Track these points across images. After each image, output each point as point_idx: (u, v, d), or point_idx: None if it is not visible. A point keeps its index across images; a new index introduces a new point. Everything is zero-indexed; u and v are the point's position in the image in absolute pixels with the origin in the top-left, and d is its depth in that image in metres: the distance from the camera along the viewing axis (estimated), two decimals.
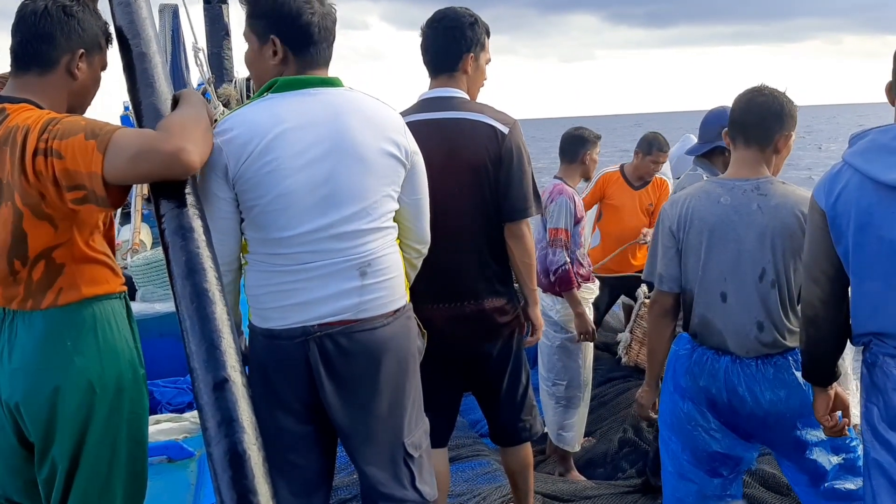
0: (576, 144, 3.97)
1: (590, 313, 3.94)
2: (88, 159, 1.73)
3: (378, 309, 2.09)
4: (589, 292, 3.94)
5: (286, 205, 1.99)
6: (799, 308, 2.22)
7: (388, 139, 2.10)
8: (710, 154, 3.29)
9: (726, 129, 2.52)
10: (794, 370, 2.37)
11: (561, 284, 3.73)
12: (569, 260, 3.73)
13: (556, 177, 3.97)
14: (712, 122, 3.24)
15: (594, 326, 3.88)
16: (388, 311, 2.11)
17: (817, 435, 2.39)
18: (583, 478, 3.92)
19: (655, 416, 2.70)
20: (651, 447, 3.69)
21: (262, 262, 2.06)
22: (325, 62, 2.11)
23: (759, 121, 2.40)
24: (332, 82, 2.09)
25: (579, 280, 3.83)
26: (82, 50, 1.95)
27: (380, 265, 2.09)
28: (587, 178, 4.09)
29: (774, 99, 2.40)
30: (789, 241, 2.32)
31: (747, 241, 2.36)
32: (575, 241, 3.82)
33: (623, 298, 5.24)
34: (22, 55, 1.93)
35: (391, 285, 2.13)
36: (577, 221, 3.82)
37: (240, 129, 1.97)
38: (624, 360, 4.71)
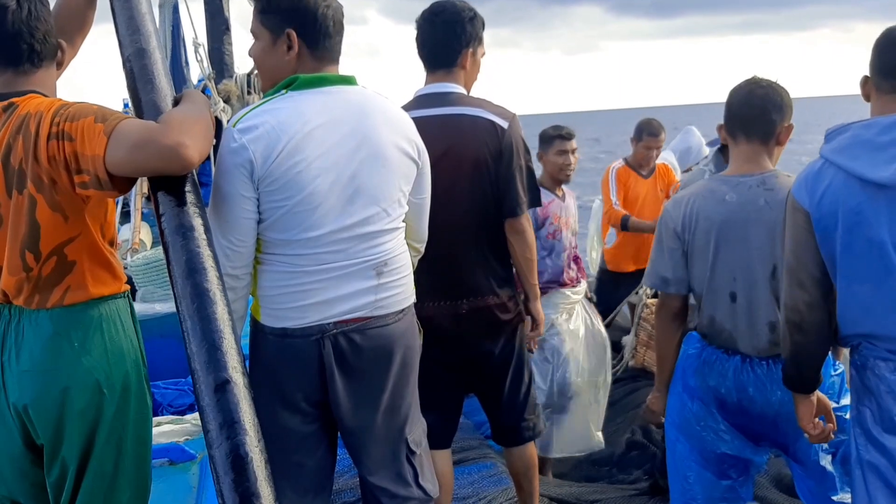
0: (539, 142, 3.84)
1: (573, 318, 3.76)
2: (94, 142, 1.73)
3: (392, 306, 2.10)
4: (562, 297, 3.73)
5: (314, 205, 1.96)
6: (781, 315, 2.16)
7: (407, 139, 2.11)
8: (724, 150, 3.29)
9: (721, 124, 2.48)
10: None
11: None
12: None
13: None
14: None
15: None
16: (399, 309, 2.13)
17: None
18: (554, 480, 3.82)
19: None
20: (659, 449, 3.67)
21: (281, 263, 2.02)
22: (338, 58, 2.10)
23: (760, 113, 2.34)
24: (350, 80, 2.09)
25: (554, 285, 3.65)
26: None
27: (395, 264, 2.10)
28: (558, 181, 3.81)
29: (773, 90, 2.35)
30: None
31: (756, 239, 2.32)
32: (540, 243, 3.53)
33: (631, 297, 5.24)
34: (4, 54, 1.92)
35: (404, 283, 2.15)
36: (541, 225, 3.62)
37: (267, 127, 1.93)
38: (630, 363, 4.68)
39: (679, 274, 2.43)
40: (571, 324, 3.79)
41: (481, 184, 2.61)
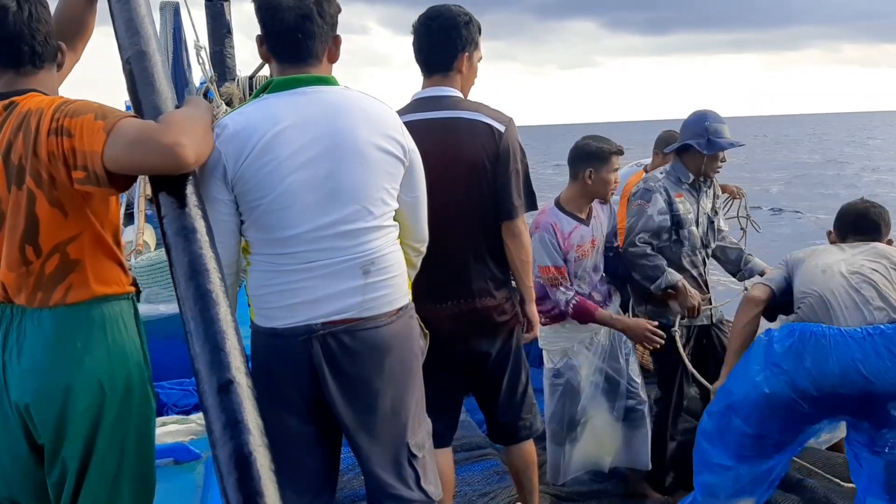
0: (576, 160, 3.37)
1: (594, 347, 3.43)
2: (93, 138, 1.74)
3: (381, 307, 2.08)
4: (573, 329, 3.38)
5: (288, 204, 1.98)
6: None
7: (387, 137, 2.09)
8: (683, 153, 3.59)
9: (830, 230, 2.94)
10: None
11: (580, 318, 3.29)
12: (570, 293, 3.27)
13: (556, 199, 3.42)
14: (692, 124, 3.60)
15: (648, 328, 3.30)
16: (392, 310, 2.11)
17: None
18: None
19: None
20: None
21: (265, 262, 2.06)
22: (310, 57, 2.06)
23: (874, 227, 2.87)
24: (328, 81, 2.08)
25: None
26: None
27: (383, 263, 2.09)
28: (602, 199, 3.43)
29: (884, 210, 2.90)
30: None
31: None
32: (570, 271, 3.33)
33: None
34: (4, 55, 1.92)
35: (394, 283, 2.12)
36: (566, 254, 3.30)
37: (237, 129, 1.97)
38: None
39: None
40: (592, 353, 3.43)
41: (478, 186, 2.62)
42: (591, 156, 3.33)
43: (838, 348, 2.50)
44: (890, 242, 2.82)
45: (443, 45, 2.65)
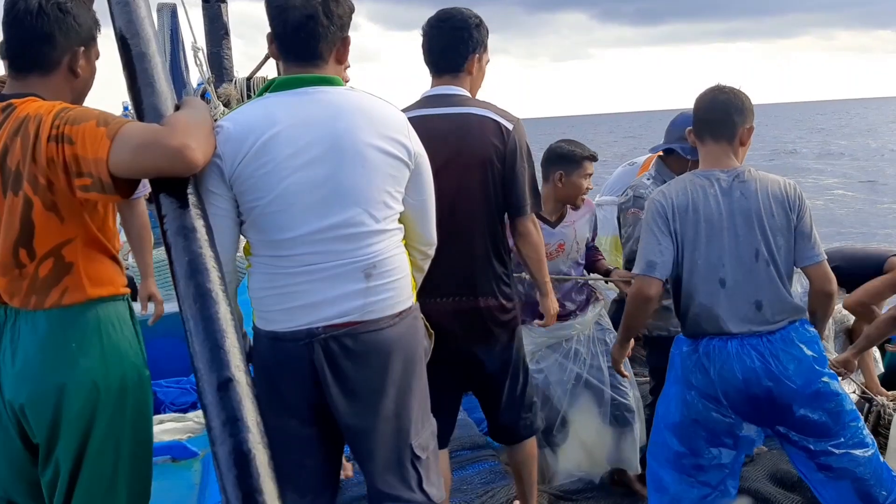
0: (548, 162, 3.35)
1: (570, 356, 3.37)
2: (97, 145, 1.75)
3: (384, 311, 2.06)
4: (540, 334, 3.28)
5: (286, 205, 1.97)
6: None
7: (391, 139, 2.06)
8: (667, 156, 3.44)
9: (690, 128, 2.64)
10: (797, 343, 2.48)
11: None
12: None
13: None
14: (679, 124, 3.35)
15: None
16: (395, 313, 2.08)
17: (818, 412, 2.48)
18: None
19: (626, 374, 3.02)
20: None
21: (265, 265, 2.05)
22: (314, 58, 2.05)
23: (724, 117, 2.54)
24: (332, 81, 2.06)
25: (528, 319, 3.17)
26: (82, 47, 1.95)
27: (385, 267, 2.06)
28: (573, 205, 3.37)
29: (735, 95, 2.56)
30: (773, 220, 2.48)
31: (739, 227, 2.49)
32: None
33: None
34: (21, 58, 1.92)
35: (397, 287, 2.10)
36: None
37: (234, 129, 1.96)
38: None
39: (667, 258, 2.53)
40: (562, 356, 3.39)
41: (486, 183, 2.63)
42: (562, 158, 3.33)
43: (740, 359, 2.45)
44: (751, 130, 2.58)
45: (454, 46, 2.68)
